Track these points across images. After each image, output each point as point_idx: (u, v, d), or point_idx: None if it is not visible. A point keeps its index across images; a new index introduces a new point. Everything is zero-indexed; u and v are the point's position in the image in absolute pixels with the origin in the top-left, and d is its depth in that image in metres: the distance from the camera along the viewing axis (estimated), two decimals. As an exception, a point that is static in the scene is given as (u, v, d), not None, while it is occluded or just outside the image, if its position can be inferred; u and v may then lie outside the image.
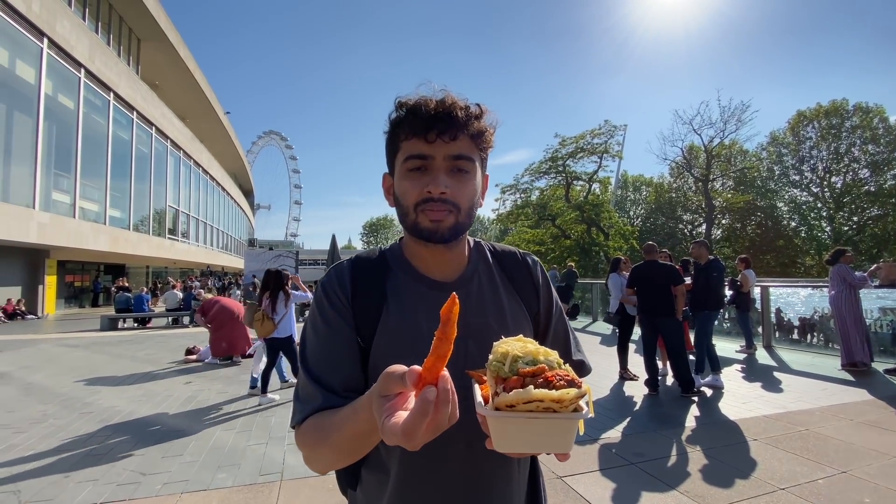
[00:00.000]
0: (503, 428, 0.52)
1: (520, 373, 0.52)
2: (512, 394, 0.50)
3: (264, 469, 3.07)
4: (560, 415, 0.50)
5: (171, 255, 23.01)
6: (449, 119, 0.71)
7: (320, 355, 0.73)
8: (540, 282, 0.88)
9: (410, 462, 0.73)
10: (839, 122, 31.76)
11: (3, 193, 12.10)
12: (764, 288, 8.15)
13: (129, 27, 20.96)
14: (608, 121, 26.14)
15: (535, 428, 0.51)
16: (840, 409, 4.25)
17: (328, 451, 0.65)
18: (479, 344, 0.74)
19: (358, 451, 0.64)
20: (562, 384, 0.50)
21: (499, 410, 0.51)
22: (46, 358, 7.43)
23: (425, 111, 0.71)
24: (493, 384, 0.54)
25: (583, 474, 2.94)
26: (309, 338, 0.76)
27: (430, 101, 0.72)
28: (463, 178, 0.73)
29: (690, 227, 38.40)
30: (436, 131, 0.70)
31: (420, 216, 0.72)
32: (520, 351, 0.55)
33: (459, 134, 0.72)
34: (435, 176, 0.71)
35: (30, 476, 2.95)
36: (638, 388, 5.12)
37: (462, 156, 0.72)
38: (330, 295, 0.77)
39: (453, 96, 0.73)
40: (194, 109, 29.11)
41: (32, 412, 4.37)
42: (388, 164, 0.80)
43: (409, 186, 0.73)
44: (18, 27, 12.46)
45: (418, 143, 0.71)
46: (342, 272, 0.80)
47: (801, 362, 6.43)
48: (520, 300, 0.84)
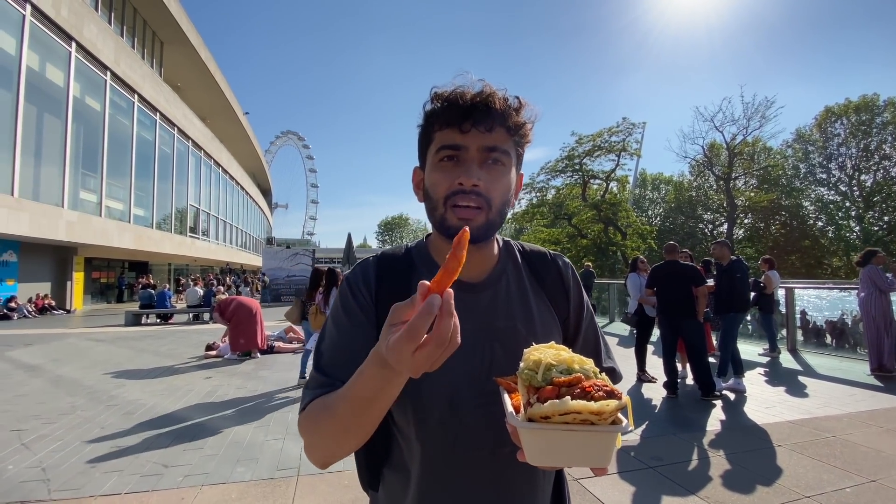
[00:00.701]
0: (537, 440, 0.49)
1: (554, 382, 0.49)
2: (547, 405, 0.47)
3: (281, 464, 3.11)
4: (599, 427, 0.47)
5: (191, 252, 23.55)
6: (486, 109, 0.68)
7: (338, 348, 0.71)
8: (571, 284, 0.85)
9: (433, 465, 0.71)
10: (869, 117, 30.56)
11: (34, 193, 12.56)
12: (789, 289, 7.92)
13: (153, 30, 21.51)
14: (626, 118, 25.70)
15: (571, 441, 0.48)
16: (869, 415, 4.10)
17: (330, 427, 0.62)
18: (506, 348, 0.72)
19: (362, 421, 0.60)
20: (600, 395, 0.47)
21: (532, 422, 0.48)
22: (74, 351, 7.69)
23: (462, 101, 0.68)
24: (525, 394, 0.52)
25: (600, 477, 2.90)
26: (329, 331, 0.74)
27: (468, 91, 0.69)
28: (497, 171, 0.70)
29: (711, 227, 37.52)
30: (471, 121, 0.67)
31: (449, 212, 0.69)
32: (553, 359, 0.52)
33: (496, 125, 0.69)
34: (468, 167, 0.68)
35: (58, 465, 3.05)
36: (656, 390, 5.03)
37: (497, 148, 0.69)
38: (354, 290, 0.75)
39: (492, 87, 0.70)
40: (214, 110, 29.75)
41: (61, 404, 4.53)
42: (420, 157, 0.77)
43: (440, 178, 0.70)
44: (48, 31, 12.91)
45: (452, 134, 0.69)
46: (367, 268, 0.78)
47: (828, 366, 6.22)
48: (549, 303, 0.81)
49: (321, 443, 0.65)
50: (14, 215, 11.49)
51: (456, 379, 0.70)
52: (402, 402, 0.67)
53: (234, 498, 2.65)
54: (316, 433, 0.64)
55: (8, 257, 13.91)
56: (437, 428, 0.70)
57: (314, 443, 0.66)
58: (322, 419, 0.63)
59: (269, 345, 7.51)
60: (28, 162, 12.34)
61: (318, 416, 0.64)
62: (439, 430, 0.70)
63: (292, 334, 8.24)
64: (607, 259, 27.03)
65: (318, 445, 0.65)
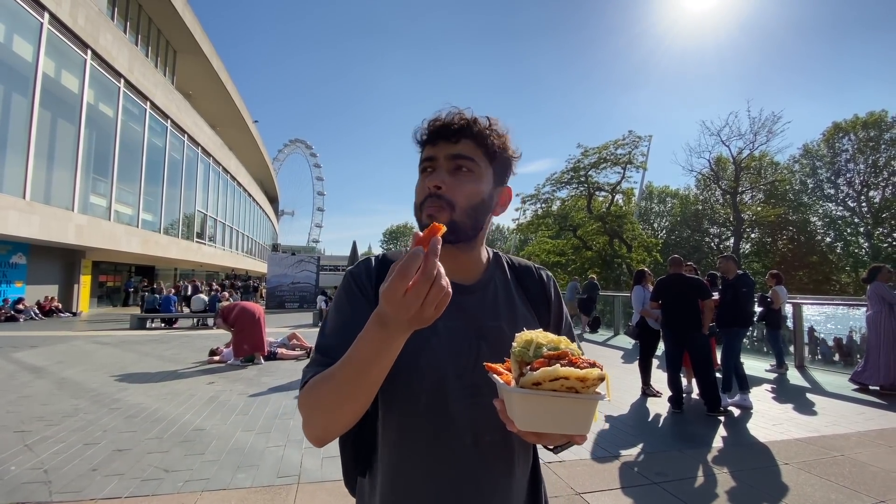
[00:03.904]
0: (528, 406, 0.55)
1: (545, 356, 0.56)
2: (540, 371, 0.53)
3: (282, 471, 3.10)
4: (582, 396, 0.54)
5: (198, 258, 23.71)
6: (451, 124, 0.78)
7: (338, 330, 0.75)
8: (552, 297, 0.92)
9: (417, 452, 0.75)
10: (877, 133, 30.46)
11: (45, 196, 12.74)
12: (796, 305, 7.84)
13: (167, 40, 21.95)
14: (632, 131, 25.73)
15: (558, 407, 0.55)
16: (878, 434, 4.03)
17: (329, 395, 0.64)
18: (491, 346, 0.78)
19: (360, 386, 0.62)
20: (585, 365, 0.55)
21: (524, 388, 0.55)
22: (79, 354, 7.73)
23: (437, 121, 0.80)
24: (517, 369, 0.58)
25: (603, 492, 2.86)
26: (330, 317, 0.80)
27: (443, 113, 0.80)
28: (463, 176, 0.78)
29: (717, 241, 37.33)
30: (439, 135, 0.78)
31: (423, 214, 0.77)
32: (543, 339, 0.59)
33: (462, 137, 0.78)
34: (437, 174, 0.78)
35: (60, 467, 3.05)
36: (661, 404, 4.97)
37: (462, 155, 0.78)
38: (357, 280, 0.81)
39: (463, 111, 0.80)
40: (224, 118, 30.16)
41: (65, 406, 4.54)
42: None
43: (419, 187, 0.80)
44: (65, 39, 13.21)
45: (428, 149, 0.80)
46: (370, 264, 0.84)
47: (836, 384, 6.13)
48: (532, 311, 0.88)
49: (319, 415, 0.67)
50: (25, 218, 11.65)
51: (443, 370, 0.75)
52: (389, 389, 0.72)
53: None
54: (315, 406, 0.67)
55: (17, 259, 14.07)
56: (423, 416, 0.75)
57: (312, 416, 0.68)
58: (322, 388, 0.65)
59: (272, 351, 7.51)
60: (41, 165, 12.54)
61: (318, 386, 0.66)
62: (424, 418, 0.75)
63: (295, 341, 8.24)
64: (612, 271, 26.89)
65: (316, 418, 0.68)
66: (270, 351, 7.46)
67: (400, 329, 0.57)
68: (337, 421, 0.67)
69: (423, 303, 0.54)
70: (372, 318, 0.59)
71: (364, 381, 0.62)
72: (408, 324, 0.56)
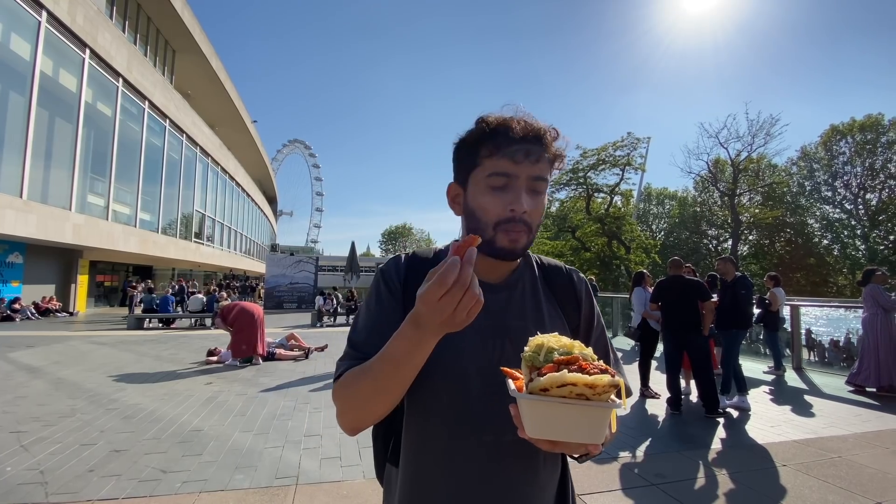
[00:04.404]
0: (535, 412, 0.54)
1: (554, 361, 0.54)
2: (546, 377, 0.51)
3: (280, 472, 3.09)
4: (593, 402, 0.51)
5: (196, 258, 23.64)
6: (537, 141, 0.75)
7: (369, 328, 0.78)
8: (583, 297, 0.91)
9: (440, 445, 0.76)
10: (875, 137, 30.63)
11: (43, 195, 12.68)
12: (794, 307, 7.86)
13: (166, 39, 21.90)
14: (631, 133, 25.86)
15: (566, 414, 0.52)
16: (875, 436, 4.04)
17: (365, 388, 0.68)
18: (516, 346, 0.77)
19: (394, 381, 0.66)
20: (595, 371, 0.52)
21: (531, 395, 0.53)
22: (76, 354, 7.69)
23: (515, 132, 0.75)
24: (527, 373, 0.56)
25: (602, 493, 2.86)
26: (361, 314, 0.82)
27: (517, 122, 0.76)
28: (538, 199, 0.77)
29: (715, 243, 37.44)
30: (524, 152, 0.74)
31: (499, 235, 0.76)
32: (555, 343, 0.57)
33: (543, 156, 0.76)
34: (518, 194, 0.74)
35: (57, 468, 3.03)
36: (660, 406, 4.97)
37: (541, 177, 0.76)
38: (387, 279, 0.83)
39: (538, 121, 0.78)
40: (223, 118, 30.10)
41: (61, 406, 4.52)
42: (460, 175, 0.83)
43: (491, 203, 0.75)
44: (63, 38, 13.16)
45: (504, 162, 0.74)
46: (399, 262, 0.86)
47: (834, 386, 6.15)
48: (560, 311, 0.87)
49: (354, 406, 0.72)
50: (22, 217, 11.60)
51: (466, 367, 0.77)
52: (414, 383, 0.73)
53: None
54: (350, 397, 0.71)
55: (14, 259, 14.00)
56: (444, 411, 0.76)
57: (347, 407, 0.73)
58: (359, 381, 0.70)
59: (270, 352, 7.49)
60: (38, 165, 12.49)
61: (354, 379, 0.71)
62: (446, 413, 0.76)
63: (293, 342, 8.22)
64: (611, 273, 26.95)
65: (350, 409, 0.73)
66: (269, 351, 7.45)
67: (432, 331, 0.60)
68: (371, 412, 0.72)
69: (456, 308, 0.56)
70: (408, 319, 0.63)
71: (397, 377, 0.66)
72: (440, 327, 0.59)
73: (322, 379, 6.11)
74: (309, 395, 5.22)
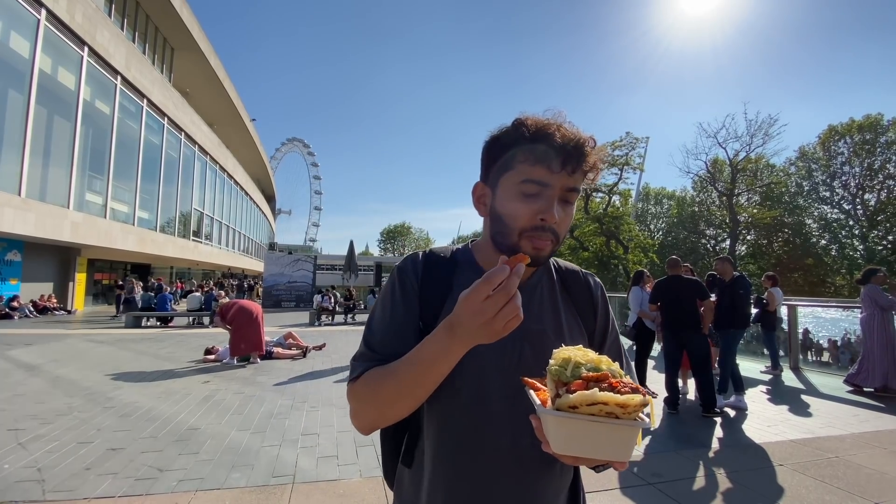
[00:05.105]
0: (563, 429, 0.53)
1: (583, 377, 0.53)
2: (576, 394, 0.50)
3: (277, 471, 3.09)
4: (622, 421, 0.51)
5: (194, 256, 23.60)
6: (577, 152, 0.72)
7: (386, 328, 0.78)
8: (599, 302, 0.91)
9: (457, 448, 0.76)
10: (873, 137, 30.65)
11: (41, 193, 12.65)
12: (791, 307, 7.87)
13: (164, 37, 21.83)
14: (630, 133, 25.93)
15: (595, 432, 0.51)
16: (873, 436, 4.05)
17: (391, 389, 0.69)
18: (535, 349, 0.78)
19: (421, 384, 0.67)
20: (626, 391, 0.51)
21: (560, 411, 0.52)
22: (74, 352, 7.68)
23: (556, 141, 0.72)
24: (553, 388, 0.55)
25: (599, 492, 2.87)
26: (377, 312, 0.81)
27: (557, 129, 0.73)
28: (569, 209, 0.76)
29: (714, 242, 37.49)
30: (561, 163, 0.71)
31: (524, 241, 0.74)
32: (582, 358, 0.56)
33: (580, 167, 0.74)
34: (550, 204, 0.72)
35: (54, 466, 3.03)
36: (657, 405, 4.98)
37: (575, 189, 0.75)
38: (403, 278, 0.82)
39: (578, 130, 0.75)
40: (222, 116, 30.04)
41: (59, 404, 4.51)
42: (489, 174, 0.80)
43: (522, 210, 0.73)
44: (62, 36, 13.12)
45: (540, 170, 0.72)
46: (416, 260, 0.85)
47: (831, 386, 6.16)
48: (577, 316, 0.87)
49: (375, 407, 0.72)
50: (20, 215, 11.57)
51: (487, 369, 0.76)
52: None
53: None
54: (371, 398, 0.72)
55: (12, 257, 13.96)
56: (462, 414, 0.76)
57: (366, 408, 0.73)
58: (382, 383, 0.70)
59: (268, 350, 7.48)
60: (36, 163, 12.45)
61: (378, 380, 0.71)
62: (464, 416, 0.76)
63: (291, 340, 8.21)
64: (609, 272, 26.99)
65: (369, 410, 0.73)
66: (267, 350, 7.44)
67: (467, 337, 0.60)
68: (391, 414, 0.72)
69: (497, 315, 0.57)
70: (443, 324, 0.63)
71: (425, 381, 0.66)
72: (476, 332, 0.59)
73: (319, 377, 6.10)
74: (306, 393, 5.22)
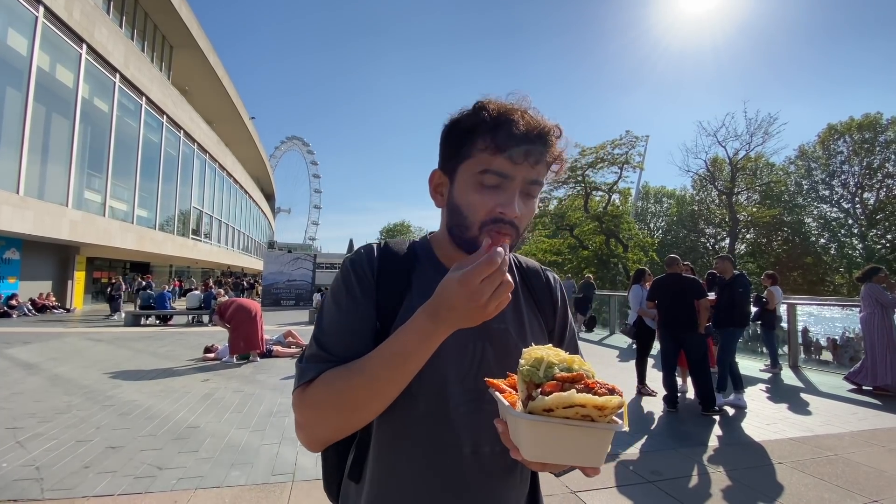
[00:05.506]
0: (537, 435, 0.49)
1: (557, 378, 0.50)
2: (552, 397, 0.48)
3: (277, 469, 3.09)
4: (598, 425, 0.48)
5: (193, 254, 23.58)
6: (540, 142, 0.68)
7: (339, 327, 0.71)
8: (559, 301, 0.88)
9: (415, 458, 0.70)
10: (873, 136, 30.62)
11: (39, 191, 12.62)
12: (791, 306, 7.89)
13: (163, 35, 21.76)
14: (630, 131, 25.79)
15: (571, 437, 0.49)
16: (871, 434, 4.06)
17: (359, 389, 0.62)
18: (496, 349, 0.74)
19: (394, 381, 0.62)
20: (603, 391, 0.49)
21: (534, 415, 0.49)
22: (73, 351, 7.67)
23: (518, 129, 0.66)
24: (524, 389, 0.52)
25: (597, 490, 2.87)
26: (328, 309, 0.74)
27: (521, 116, 0.67)
28: (531, 202, 0.71)
29: (713, 241, 37.48)
30: (524, 153, 0.66)
31: (482, 235, 0.69)
32: (555, 357, 0.53)
33: (543, 158, 0.69)
34: (511, 197, 0.67)
35: (52, 464, 3.02)
36: (656, 403, 4.98)
37: (537, 181, 0.70)
38: (358, 271, 0.75)
39: (543, 117, 0.69)
40: (221, 114, 29.96)
41: (57, 403, 4.50)
42: (447, 163, 0.74)
43: (480, 201, 0.68)
44: (60, 33, 13.07)
45: (501, 161, 0.67)
46: (371, 253, 0.78)
47: (830, 384, 6.17)
48: (539, 315, 0.84)
49: (339, 412, 0.64)
50: (19, 213, 11.54)
51: (445, 372, 0.71)
52: None
53: (228, 502, 2.62)
54: (335, 401, 0.64)
55: (10, 255, 13.93)
56: (421, 421, 0.70)
57: (325, 415, 0.65)
58: (348, 384, 0.63)
59: (268, 349, 7.48)
60: (34, 161, 12.42)
61: (342, 381, 0.63)
62: (423, 423, 0.70)
63: (291, 339, 8.21)
64: (608, 271, 26.97)
65: (331, 416, 0.65)
66: (266, 348, 7.43)
67: (454, 321, 0.57)
68: (358, 420, 0.65)
69: (492, 295, 0.55)
70: (421, 311, 0.59)
71: (401, 376, 0.61)
72: (466, 316, 0.56)
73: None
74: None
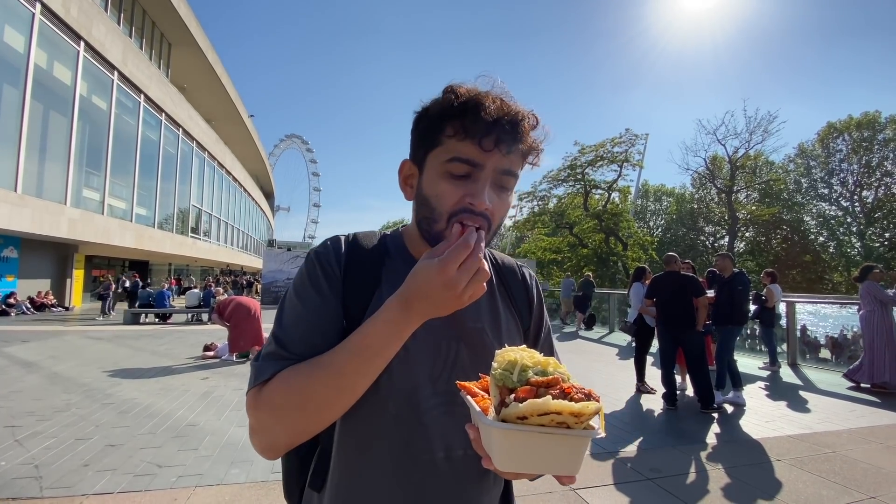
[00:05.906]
0: (511, 443, 0.46)
1: (531, 382, 0.47)
2: (526, 404, 0.45)
3: (276, 467, 3.08)
4: (575, 432, 0.46)
5: (192, 253, 23.57)
6: (512, 129, 0.63)
7: (301, 323, 0.66)
8: (535, 299, 0.85)
9: (384, 464, 0.66)
10: (871, 134, 30.71)
11: (38, 189, 12.60)
12: (789, 304, 7.90)
13: (162, 32, 21.70)
14: (629, 129, 25.72)
15: (546, 445, 0.46)
16: (869, 431, 4.07)
17: (323, 386, 0.58)
18: (472, 349, 0.71)
19: (361, 376, 0.58)
20: (580, 397, 0.46)
21: (507, 423, 0.46)
22: (71, 349, 7.67)
23: (488, 114, 0.61)
24: (497, 394, 0.49)
25: (597, 487, 2.87)
26: (290, 303, 0.68)
27: (493, 101, 0.63)
28: (504, 194, 0.67)
29: (712, 239, 37.52)
30: (494, 140, 0.62)
31: (452, 226, 0.64)
32: (529, 360, 0.50)
33: (515, 147, 0.64)
34: (481, 187, 0.63)
35: (51, 463, 3.02)
36: (655, 401, 4.99)
37: (511, 172, 0.65)
38: (324, 264, 0.70)
39: (517, 103, 0.65)
40: (220, 112, 29.91)
41: (56, 401, 4.50)
42: (417, 152, 0.70)
43: (449, 191, 0.64)
44: (57, 30, 13.02)
45: (470, 148, 0.62)
46: (339, 245, 0.73)
47: (828, 382, 6.19)
48: (514, 313, 0.81)
49: (302, 412, 0.60)
50: (17, 211, 11.52)
51: (417, 373, 0.67)
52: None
53: (228, 500, 2.63)
54: (296, 401, 0.59)
55: (9, 253, 13.91)
56: (391, 424, 0.66)
57: (285, 417, 0.60)
58: (313, 379, 0.59)
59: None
60: (32, 158, 12.39)
61: (304, 378, 0.59)
62: (393, 426, 0.66)
63: (290, 337, 8.19)
64: (608, 269, 26.99)
65: (292, 418, 0.60)
66: (265, 347, 7.42)
67: (427, 311, 0.56)
68: (321, 420, 0.61)
69: (469, 282, 0.53)
70: (393, 299, 0.57)
71: (370, 370, 0.58)
72: (440, 305, 0.55)
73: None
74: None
